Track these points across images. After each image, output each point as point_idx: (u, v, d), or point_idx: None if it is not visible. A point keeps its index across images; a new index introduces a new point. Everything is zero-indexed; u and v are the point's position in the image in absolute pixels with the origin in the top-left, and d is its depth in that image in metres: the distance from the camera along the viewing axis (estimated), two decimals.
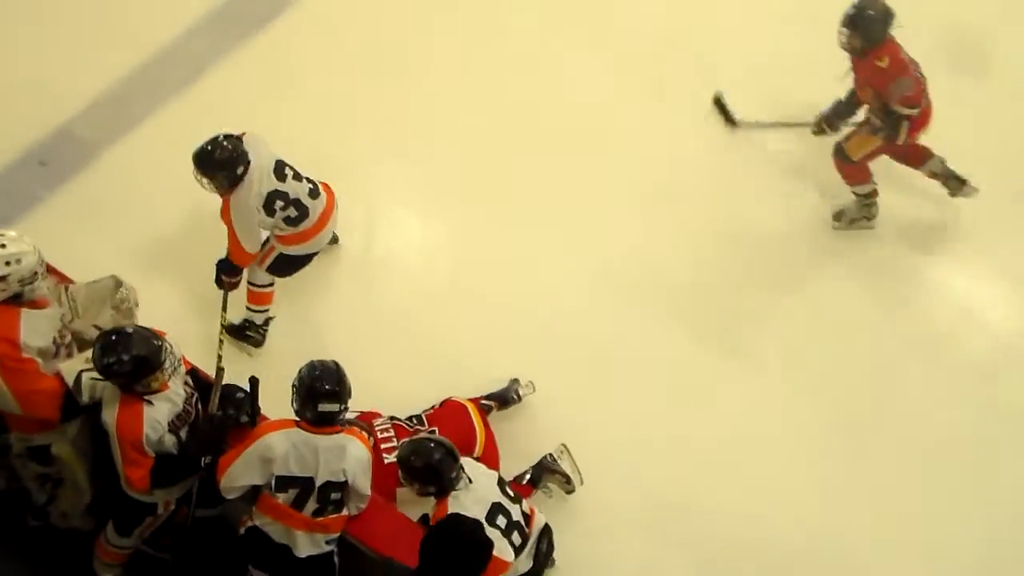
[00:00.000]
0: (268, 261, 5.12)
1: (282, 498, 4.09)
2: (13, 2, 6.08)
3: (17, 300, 4.18)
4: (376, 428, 4.70)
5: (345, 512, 4.17)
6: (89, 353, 4.27)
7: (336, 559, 4.23)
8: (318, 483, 4.07)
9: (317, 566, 4.19)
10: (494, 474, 4.34)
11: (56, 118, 5.68)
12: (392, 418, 4.79)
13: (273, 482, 4.08)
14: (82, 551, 4.52)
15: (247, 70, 5.97)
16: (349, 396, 4.12)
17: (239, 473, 4.09)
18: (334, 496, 4.11)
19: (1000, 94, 6.24)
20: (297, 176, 4.98)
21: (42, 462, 4.46)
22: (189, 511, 4.41)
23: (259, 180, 4.87)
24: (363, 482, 4.16)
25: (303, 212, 4.98)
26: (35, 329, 4.22)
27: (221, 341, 4.84)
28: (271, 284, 5.20)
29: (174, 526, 4.46)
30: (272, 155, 4.95)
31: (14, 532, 4.62)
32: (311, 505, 4.10)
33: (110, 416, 4.07)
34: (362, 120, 5.93)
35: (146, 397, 4.05)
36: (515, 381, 5.10)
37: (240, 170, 4.82)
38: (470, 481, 4.16)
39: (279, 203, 4.91)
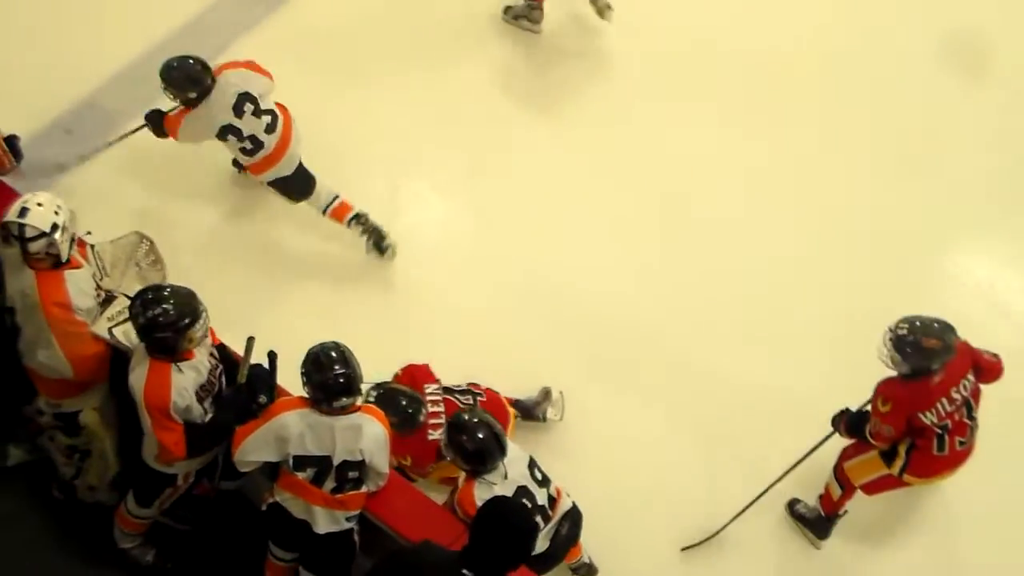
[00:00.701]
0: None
1: (301, 476, 4.10)
2: None
3: (62, 263, 4.22)
4: (427, 397, 4.68)
5: (364, 489, 4.18)
6: (111, 311, 4.36)
7: (356, 537, 4.24)
8: (335, 462, 4.07)
9: (336, 543, 4.20)
10: (526, 456, 4.32)
11: (83, 88, 5.69)
12: (446, 389, 4.76)
13: (291, 461, 4.08)
14: (103, 521, 4.57)
15: (271, 44, 5.93)
16: (361, 381, 4.10)
17: (252, 448, 4.10)
18: (352, 475, 4.11)
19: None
20: (257, 112, 5.13)
21: (70, 433, 4.52)
22: (215, 482, 4.45)
23: (212, 114, 5.07)
24: (380, 460, 4.15)
25: (257, 145, 5.15)
26: (81, 289, 4.28)
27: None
28: (335, 197, 5.37)
29: (194, 498, 4.50)
30: (238, 91, 5.10)
31: (37, 503, 4.70)
32: (329, 483, 4.10)
33: (138, 380, 4.07)
34: (386, 96, 5.93)
35: (176, 363, 4.06)
36: (546, 396, 5.04)
37: (192, 95, 5.04)
38: (505, 477, 4.16)
39: (231, 137, 5.11)
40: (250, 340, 4.23)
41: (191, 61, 5.07)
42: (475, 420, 4.24)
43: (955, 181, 5.89)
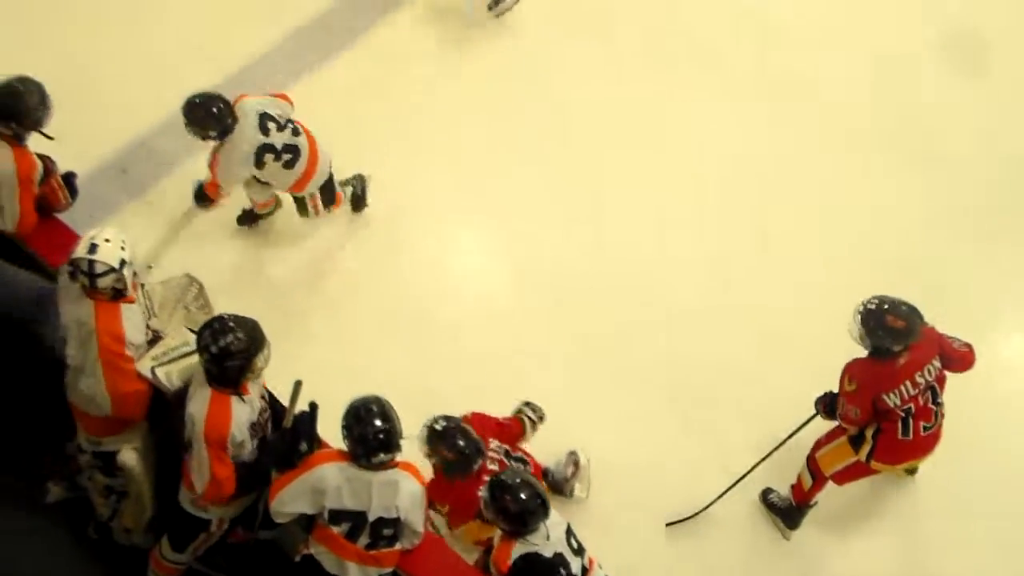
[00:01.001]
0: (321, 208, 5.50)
1: (336, 530, 4.09)
2: (101, 17, 6.22)
3: (119, 296, 4.31)
4: (488, 453, 4.60)
5: (399, 546, 4.16)
6: (155, 351, 4.40)
7: None
8: (370, 518, 4.06)
9: None
10: (564, 522, 4.25)
11: (139, 128, 5.82)
12: (507, 452, 4.71)
13: (326, 515, 4.08)
14: (138, 564, 4.58)
15: (323, 91, 6.06)
16: (401, 437, 4.09)
17: (289, 499, 4.11)
18: (386, 532, 4.10)
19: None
20: (280, 127, 5.20)
21: (108, 473, 4.55)
22: (255, 531, 4.43)
23: (241, 140, 5.10)
24: (416, 518, 4.14)
25: (295, 153, 5.22)
26: (134, 324, 4.36)
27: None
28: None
29: (229, 546, 4.50)
30: (256, 111, 5.15)
31: (73, 542, 4.72)
32: (364, 539, 4.09)
33: (199, 409, 4.11)
34: (437, 136, 6.07)
35: (238, 394, 4.11)
36: (575, 469, 4.99)
37: (213, 133, 5.08)
38: (548, 539, 4.09)
39: (268, 155, 5.17)
40: (297, 384, 4.23)
41: (213, 99, 5.10)
42: (518, 480, 4.17)
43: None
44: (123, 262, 4.24)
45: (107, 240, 4.25)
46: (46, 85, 4.79)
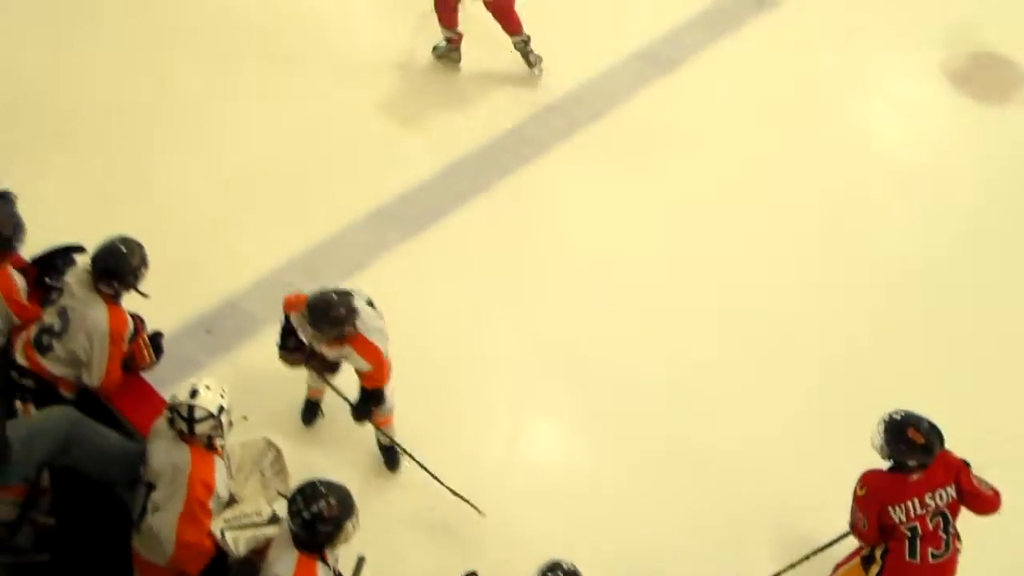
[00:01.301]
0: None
1: None
2: (189, 183, 6.45)
3: (211, 444, 4.41)
4: None
5: None
6: (228, 513, 4.42)
7: None
8: None
9: None
10: None
11: (224, 290, 5.96)
12: None
13: None
14: None
15: (408, 265, 6.17)
16: None
17: None
18: None
19: None
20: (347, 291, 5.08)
21: None
22: None
23: (364, 309, 4.97)
24: None
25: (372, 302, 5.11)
26: (224, 478, 4.44)
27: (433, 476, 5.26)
28: None
29: None
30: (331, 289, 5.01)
31: None
32: None
33: (286, 571, 4.09)
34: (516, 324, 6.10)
35: (323, 560, 4.08)
36: None
37: (354, 317, 4.90)
38: None
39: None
40: (360, 560, 4.25)
41: (334, 296, 4.89)
42: None
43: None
44: (221, 408, 4.39)
45: (207, 387, 4.41)
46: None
